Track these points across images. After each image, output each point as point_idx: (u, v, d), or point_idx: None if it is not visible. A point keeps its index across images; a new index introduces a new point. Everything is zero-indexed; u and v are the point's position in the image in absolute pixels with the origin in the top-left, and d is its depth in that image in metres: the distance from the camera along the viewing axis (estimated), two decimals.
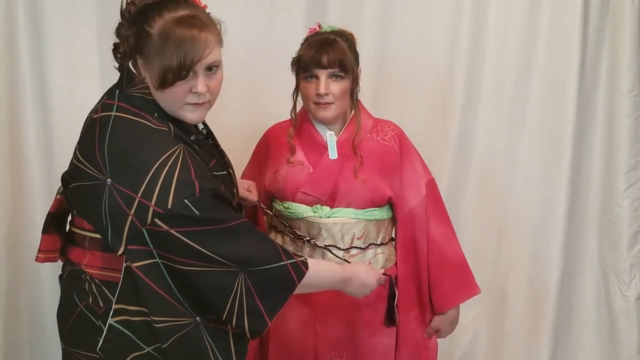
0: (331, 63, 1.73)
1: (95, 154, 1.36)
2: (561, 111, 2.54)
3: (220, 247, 1.33)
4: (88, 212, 1.40)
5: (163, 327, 1.34)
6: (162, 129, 1.38)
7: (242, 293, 1.36)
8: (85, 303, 1.42)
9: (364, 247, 1.83)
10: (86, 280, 1.42)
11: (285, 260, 1.41)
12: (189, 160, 1.34)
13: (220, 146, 1.61)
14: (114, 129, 1.37)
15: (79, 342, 1.43)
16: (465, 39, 2.51)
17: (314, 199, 1.81)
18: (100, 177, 1.34)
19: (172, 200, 1.29)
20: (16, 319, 2.34)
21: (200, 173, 1.35)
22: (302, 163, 1.83)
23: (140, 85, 1.41)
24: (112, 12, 2.25)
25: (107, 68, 2.26)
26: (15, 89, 2.25)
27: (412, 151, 1.91)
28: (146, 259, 1.32)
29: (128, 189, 1.31)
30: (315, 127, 1.85)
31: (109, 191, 1.32)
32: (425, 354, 1.93)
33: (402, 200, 1.87)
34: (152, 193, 1.29)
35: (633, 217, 2.60)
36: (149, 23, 1.35)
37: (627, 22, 2.49)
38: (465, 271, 1.93)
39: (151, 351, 1.37)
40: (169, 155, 1.32)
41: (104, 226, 1.34)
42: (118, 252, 1.33)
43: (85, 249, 1.45)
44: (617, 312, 2.64)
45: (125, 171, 1.33)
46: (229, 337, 1.41)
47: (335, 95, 1.76)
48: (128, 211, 1.30)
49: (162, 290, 1.34)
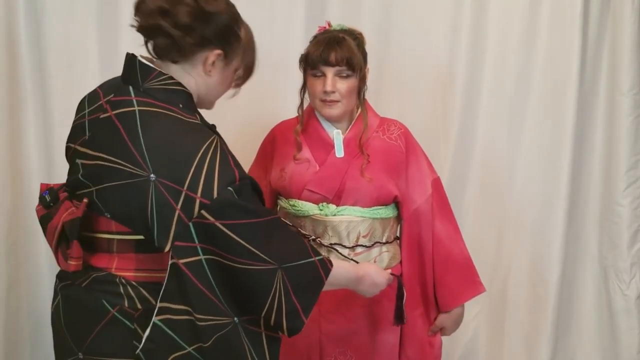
0: (339, 61, 1.74)
1: (130, 149, 1.32)
2: (561, 110, 2.54)
3: (262, 242, 1.34)
4: (126, 212, 1.35)
5: (206, 325, 1.32)
6: (193, 120, 1.38)
7: (281, 291, 1.37)
8: (119, 307, 1.37)
9: (369, 245, 1.83)
10: (120, 284, 1.38)
11: (314, 256, 1.43)
12: (225, 150, 1.36)
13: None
14: (146, 123, 1.34)
15: (108, 349, 1.38)
16: (465, 38, 2.51)
17: (320, 197, 1.81)
18: (142, 174, 1.30)
19: (217, 189, 1.28)
20: (16, 319, 2.34)
21: (236, 162, 1.37)
22: (308, 161, 1.83)
23: (161, 77, 1.39)
24: (112, 13, 2.29)
25: (107, 68, 2.29)
26: (15, 89, 2.25)
27: (418, 150, 1.91)
28: (192, 256, 1.30)
29: (174, 182, 1.29)
30: (322, 125, 1.85)
31: (155, 187, 1.29)
32: (430, 351, 1.93)
33: (408, 199, 1.87)
34: (198, 184, 1.28)
35: (633, 216, 2.60)
36: (238, 25, 1.44)
37: (627, 21, 2.50)
38: (470, 270, 1.93)
39: (192, 351, 1.34)
40: (209, 145, 1.32)
41: (149, 224, 1.30)
42: (165, 249, 1.30)
43: (112, 252, 1.40)
44: (617, 311, 2.64)
45: (169, 164, 1.30)
46: (262, 338, 1.40)
47: (342, 94, 1.76)
48: (175, 205, 1.28)
49: (205, 288, 1.32)
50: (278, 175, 1.87)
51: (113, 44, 2.30)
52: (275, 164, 1.89)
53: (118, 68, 2.44)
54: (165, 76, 1.39)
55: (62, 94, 2.29)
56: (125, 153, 1.33)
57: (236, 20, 1.43)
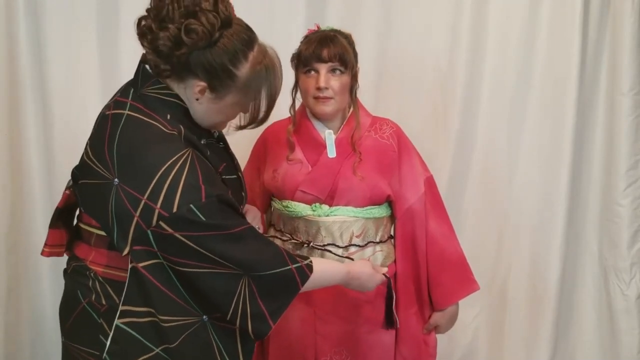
0: (332, 57, 1.74)
1: (104, 152, 1.36)
2: (561, 110, 2.54)
3: (225, 250, 1.33)
4: (95, 210, 1.40)
5: (171, 326, 1.34)
6: (172, 133, 1.36)
7: (246, 296, 1.37)
8: (88, 300, 1.41)
9: (362, 245, 1.83)
10: (90, 277, 1.42)
11: (291, 264, 1.42)
12: (196, 165, 1.33)
13: (230, 149, 1.60)
14: (125, 129, 1.36)
15: (79, 338, 1.43)
16: (465, 38, 2.51)
17: (313, 197, 1.81)
18: (108, 177, 1.34)
19: (178, 204, 1.28)
20: (16, 319, 2.35)
21: (208, 178, 1.34)
22: (301, 161, 1.84)
23: (157, 85, 1.39)
24: (112, 13, 2.29)
25: (107, 68, 2.30)
26: (15, 89, 2.26)
27: (411, 149, 1.91)
28: (151, 259, 1.32)
29: (135, 190, 1.30)
30: (314, 125, 1.85)
31: (116, 191, 1.32)
32: (425, 349, 1.93)
33: (401, 198, 1.87)
34: (159, 196, 1.29)
35: (633, 216, 2.60)
36: (235, 65, 1.35)
37: (627, 21, 2.49)
38: (464, 268, 1.93)
39: (160, 352, 1.36)
40: (177, 158, 1.31)
41: (110, 225, 1.34)
42: (123, 252, 1.32)
43: (91, 245, 1.45)
44: (617, 311, 2.64)
45: (133, 172, 1.32)
46: (236, 336, 1.40)
47: (335, 90, 1.76)
48: (134, 212, 1.30)
49: (167, 290, 1.34)
50: (271, 176, 1.87)
51: (113, 44, 2.30)
52: (268, 165, 1.89)
53: (118, 68, 2.46)
54: (162, 85, 1.39)
55: (62, 94, 2.29)
56: (101, 154, 1.36)
57: (234, 58, 1.35)
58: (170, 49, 1.31)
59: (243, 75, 1.37)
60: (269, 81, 1.40)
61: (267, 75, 1.40)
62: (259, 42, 1.40)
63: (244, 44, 1.36)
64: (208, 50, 1.33)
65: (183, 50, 1.31)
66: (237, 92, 1.39)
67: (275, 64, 1.42)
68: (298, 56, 1.80)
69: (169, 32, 1.30)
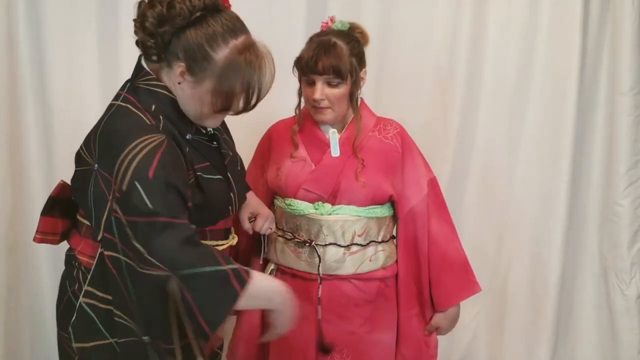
0: (326, 70, 1.73)
1: (91, 140, 1.41)
2: (561, 110, 2.54)
3: (152, 241, 1.25)
4: (79, 196, 1.43)
5: (120, 323, 1.34)
6: (152, 123, 1.38)
7: (182, 305, 1.26)
8: (72, 289, 1.44)
9: (364, 244, 1.83)
10: (75, 267, 1.45)
11: (224, 264, 1.28)
12: (160, 150, 1.30)
13: (226, 149, 1.57)
14: (110, 118, 1.40)
15: (64, 327, 1.45)
16: (465, 37, 2.51)
17: (315, 196, 1.81)
18: (91, 162, 1.38)
19: (128, 182, 1.26)
20: (16, 319, 2.34)
21: (167, 164, 1.30)
22: (304, 160, 1.84)
23: (147, 77, 1.42)
24: (112, 13, 2.29)
25: (107, 68, 2.30)
26: (15, 88, 2.25)
27: (414, 150, 1.91)
28: (114, 252, 1.31)
29: (108, 173, 1.32)
30: (318, 124, 1.85)
31: (95, 176, 1.35)
32: (426, 350, 1.93)
33: (404, 198, 1.87)
34: (117, 176, 1.29)
35: (633, 215, 2.60)
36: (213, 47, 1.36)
37: (627, 21, 2.49)
38: (465, 269, 1.93)
39: (113, 343, 1.37)
40: (143, 140, 1.31)
41: (90, 211, 1.37)
42: (97, 238, 1.34)
43: (81, 236, 1.47)
44: (617, 311, 2.64)
45: (106, 155, 1.34)
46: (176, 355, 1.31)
47: (331, 101, 1.76)
48: (108, 196, 1.31)
49: (123, 287, 1.31)
50: (274, 174, 1.87)
51: (113, 44, 2.30)
52: (272, 163, 1.89)
53: (118, 68, 2.46)
54: (151, 77, 1.42)
55: (62, 94, 2.29)
56: (89, 142, 1.42)
57: (212, 40, 1.36)
58: (155, 26, 1.35)
59: (220, 60, 1.36)
60: (248, 75, 1.37)
61: (247, 68, 1.36)
62: (248, 36, 1.41)
63: (226, 29, 1.37)
64: (189, 30, 1.35)
65: (165, 28, 1.34)
66: (213, 78, 1.38)
67: (262, 61, 1.39)
68: (299, 61, 1.79)
69: (155, 10, 1.34)
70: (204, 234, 1.51)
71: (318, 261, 1.79)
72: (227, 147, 1.59)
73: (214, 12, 1.37)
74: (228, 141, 1.63)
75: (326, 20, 1.85)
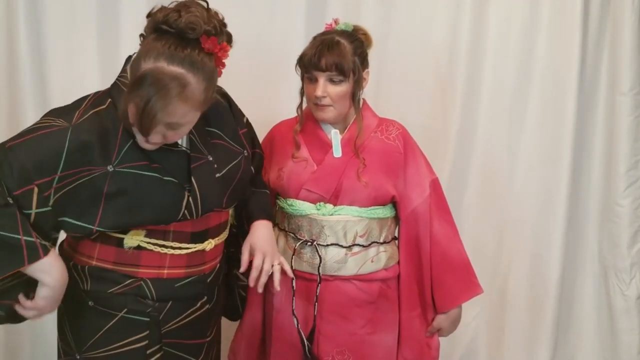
0: (329, 66, 1.72)
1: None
2: (561, 110, 2.54)
3: None
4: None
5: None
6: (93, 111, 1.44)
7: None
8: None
9: (366, 245, 1.83)
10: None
11: (22, 235, 1.34)
12: (41, 132, 1.38)
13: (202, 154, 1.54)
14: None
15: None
16: (465, 37, 2.51)
17: (317, 196, 1.81)
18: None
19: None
20: None
21: (34, 146, 1.37)
22: (306, 160, 1.84)
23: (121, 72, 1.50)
24: (112, 13, 2.29)
25: (107, 67, 2.29)
26: (15, 88, 2.25)
27: (417, 151, 1.91)
28: None
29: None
30: (320, 125, 1.85)
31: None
32: (427, 352, 1.93)
33: (406, 199, 1.87)
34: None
35: (633, 216, 2.60)
36: (144, 58, 1.33)
37: (627, 21, 2.50)
38: (468, 271, 1.93)
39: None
40: (44, 126, 1.40)
41: None
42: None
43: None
44: (617, 311, 2.64)
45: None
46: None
47: (333, 98, 1.76)
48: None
49: None
50: (276, 174, 1.86)
51: (113, 44, 2.30)
52: (274, 163, 1.89)
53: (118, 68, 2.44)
54: (124, 73, 1.49)
55: (62, 94, 2.29)
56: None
57: (143, 53, 1.34)
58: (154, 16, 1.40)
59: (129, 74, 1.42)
60: (146, 95, 1.30)
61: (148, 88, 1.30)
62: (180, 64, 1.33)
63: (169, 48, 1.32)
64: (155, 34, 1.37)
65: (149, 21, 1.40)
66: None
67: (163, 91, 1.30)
68: (301, 58, 1.79)
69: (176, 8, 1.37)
70: (166, 233, 1.51)
71: (319, 261, 1.80)
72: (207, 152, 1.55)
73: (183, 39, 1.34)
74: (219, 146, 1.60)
75: (330, 22, 1.85)
